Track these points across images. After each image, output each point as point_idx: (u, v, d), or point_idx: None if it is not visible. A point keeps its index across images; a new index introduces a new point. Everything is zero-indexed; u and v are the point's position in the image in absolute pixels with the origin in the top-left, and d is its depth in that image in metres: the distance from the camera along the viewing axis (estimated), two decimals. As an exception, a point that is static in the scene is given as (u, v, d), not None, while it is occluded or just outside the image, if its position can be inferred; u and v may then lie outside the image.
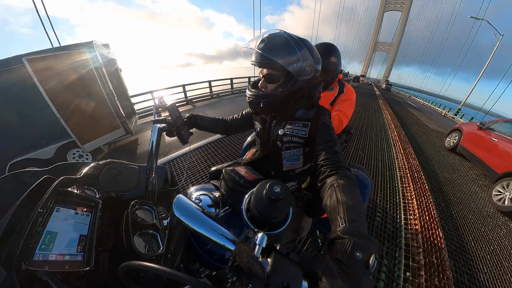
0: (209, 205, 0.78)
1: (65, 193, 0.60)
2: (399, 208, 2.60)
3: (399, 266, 1.79)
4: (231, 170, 0.86)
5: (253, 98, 0.80)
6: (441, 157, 4.88)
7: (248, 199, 0.42)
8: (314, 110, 0.81)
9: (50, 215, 0.52)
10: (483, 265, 2.12)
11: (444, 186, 3.55)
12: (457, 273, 1.95)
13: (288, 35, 0.72)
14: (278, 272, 0.32)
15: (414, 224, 2.28)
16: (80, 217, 0.59)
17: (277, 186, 0.37)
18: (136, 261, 0.39)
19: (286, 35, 0.72)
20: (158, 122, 0.91)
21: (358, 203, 0.50)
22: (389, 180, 3.29)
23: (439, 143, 6.10)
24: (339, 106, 1.52)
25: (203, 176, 2.74)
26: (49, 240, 0.49)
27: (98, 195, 0.70)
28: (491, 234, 2.62)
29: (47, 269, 0.45)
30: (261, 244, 0.35)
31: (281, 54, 0.69)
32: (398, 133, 5.79)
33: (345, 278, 0.33)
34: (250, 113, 1.06)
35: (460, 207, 3.07)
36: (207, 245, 0.70)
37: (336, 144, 0.72)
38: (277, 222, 0.39)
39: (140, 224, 0.68)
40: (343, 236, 0.39)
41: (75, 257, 0.51)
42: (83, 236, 0.55)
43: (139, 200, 0.77)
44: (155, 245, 0.67)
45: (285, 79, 0.75)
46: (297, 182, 0.96)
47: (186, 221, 0.41)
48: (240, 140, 3.87)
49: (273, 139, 0.85)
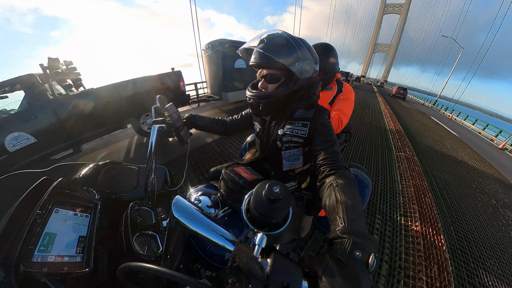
0: (209, 205, 0.78)
1: (64, 194, 0.60)
2: (398, 205, 2.62)
3: (399, 263, 1.80)
4: (231, 171, 0.86)
5: (254, 98, 0.79)
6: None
7: (248, 200, 0.42)
8: (314, 110, 0.81)
9: (49, 216, 0.52)
10: (483, 261, 2.14)
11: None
12: (457, 269, 1.97)
13: (288, 35, 0.72)
14: (278, 272, 0.32)
15: (414, 221, 2.29)
16: (79, 218, 0.59)
17: (276, 186, 0.37)
18: (135, 262, 0.39)
19: (286, 35, 0.72)
20: (157, 123, 0.91)
21: (357, 202, 0.50)
22: (389, 177, 3.31)
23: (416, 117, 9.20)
24: (338, 106, 1.52)
25: (203, 177, 2.74)
26: (48, 242, 0.49)
27: (97, 196, 0.70)
28: (491, 228, 2.66)
29: (46, 271, 0.45)
30: (261, 244, 0.35)
31: (283, 53, 0.69)
32: (390, 114, 7.66)
33: (344, 277, 0.33)
34: (249, 114, 1.06)
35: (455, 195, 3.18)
36: (207, 245, 0.69)
37: (335, 143, 0.72)
38: (276, 222, 0.39)
39: (140, 225, 0.68)
40: (343, 236, 0.39)
41: (74, 259, 0.51)
42: (82, 237, 0.55)
43: (138, 201, 0.77)
44: (155, 246, 0.67)
45: (286, 79, 0.75)
46: (297, 182, 0.96)
47: (186, 222, 0.41)
48: (240, 140, 3.87)
49: (273, 139, 0.85)
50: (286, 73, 0.74)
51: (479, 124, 12.94)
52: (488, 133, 11.39)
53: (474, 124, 13.18)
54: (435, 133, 8.35)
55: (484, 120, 13.08)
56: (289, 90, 0.75)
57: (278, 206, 0.37)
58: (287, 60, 0.69)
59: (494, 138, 10.56)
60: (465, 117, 14.96)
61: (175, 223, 0.44)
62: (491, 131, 11.50)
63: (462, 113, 15.84)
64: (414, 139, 6.35)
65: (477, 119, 13.57)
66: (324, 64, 1.47)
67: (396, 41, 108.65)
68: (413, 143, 5.63)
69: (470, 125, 13.40)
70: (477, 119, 13.48)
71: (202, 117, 1.09)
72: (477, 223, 2.78)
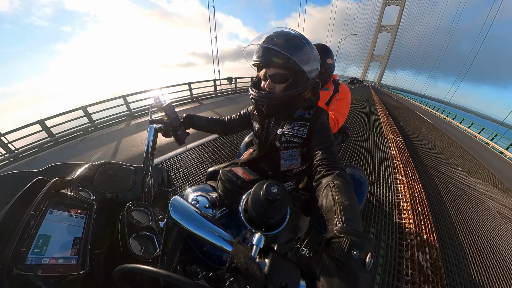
0: (206, 206, 0.77)
1: (58, 195, 0.59)
2: (393, 204, 2.66)
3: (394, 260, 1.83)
4: (228, 171, 0.85)
5: (262, 100, 0.75)
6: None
7: (246, 200, 0.42)
8: (313, 111, 0.81)
9: (43, 217, 0.51)
10: (472, 255, 2.24)
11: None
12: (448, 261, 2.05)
13: (297, 32, 0.70)
14: (276, 272, 0.32)
15: (408, 218, 2.34)
16: (74, 219, 0.58)
17: (274, 186, 0.37)
18: (132, 264, 0.38)
19: (295, 32, 0.70)
20: (154, 123, 0.90)
21: (354, 202, 0.50)
22: (384, 173, 3.38)
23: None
24: (334, 106, 1.54)
25: (200, 177, 2.72)
26: (42, 244, 0.48)
27: (92, 196, 0.69)
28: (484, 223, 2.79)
29: (40, 274, 0.44)
30: (259, 244, 0.35)
31: (295, 51, 0.66)
32: (383, 108, 9.38)
33: (342, 277, 0.33)
34: (248, 113, 1.05)
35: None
36: (204, 246, 0.69)
37: (332, 145, 0.72)
38: (274, 222, 0.39)
39: (136, 226, 0.68)
40: (340, 235, 0.39)
41: (69, 261, 0.50)
42: (77, 239, 0.54)
43: (135, 202, 0.76)
44: (152, 247, 0.66)
45: (294, 79, 0.73)
46: (294, 182, 0.97)
47: (183, 222, 0.41)
48: (238, 140, 3.87)
49: (272, 139, 0.85)
50: (294, 72, 0.71)
51: (464, 122, 15.87)
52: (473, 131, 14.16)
53: (462, 122, 16.01)
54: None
55: (469, 119, 15.91)
56: (300, 90, 0.72)
57: (276, 206, 0.37)
58: (301, 58, 0.67)
59: (477, 135, 13.30)
60: (454, 117, 17.68)
61: (172, 224, 0.43)
62: (476, 128, 14.15)
63: (457, 116, 17.74)
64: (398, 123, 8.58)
65: (469, 120, 15.65)
66: (322, 65, 1.49)
67: (387, 53, 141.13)
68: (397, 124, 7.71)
69: (460, 125, 15.85)
70: (470, 122, 15.54)
71: (200, 117, 1.08)
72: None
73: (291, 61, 0.67)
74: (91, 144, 4.63)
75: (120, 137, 4.65)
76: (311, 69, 0.71)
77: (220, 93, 11.38)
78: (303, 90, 0.74)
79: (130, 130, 4.35)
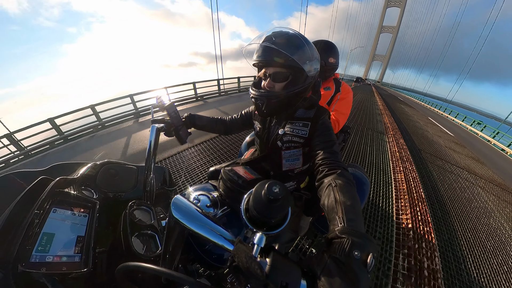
0: (208, 205, 0.78)
1: (62, 193, 0.59)
2: (391, 204, 2.65)
3: (390, 259, 1.82)
4: (230, 170, 0.85)
5: (261, 98, 0.76)
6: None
7: (247, 199, 0.42)
8: (314, 110, 0.80)
9: (47, 216, 0.52)
10: (470, 255, 2.23)
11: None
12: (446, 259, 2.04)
13: (296, 32, 0.71)
14: (277, 271, 0.32)
15: (406, 219, 2.33)
16: (78, 218, 0.58)
17: (276, 186, 0.37)
18: (134, 262, 0.39)
19: (297, 33, 0.71)
20: (156, 122, 0.90)
21: (356, 202, 0.50)
22: (383, 172, 3.36)
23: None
24: (335, 106, 1.53)
25: (202, 176, 2.73)
26: (46, 242, 0.48)
27: (95, 195, 0.70)
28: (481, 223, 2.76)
29: (44, 271, 0.44)
30: (260, 244, 0.35)
31: (296, 50, 0.67)
32: (383, 105, 9.70)
33: (343, 277, 0.33)
34: (249, 113, 1.05)
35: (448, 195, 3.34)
36: (206, 245, 0.69)
37: (334, 144, 0.72)
38: (275, 222, 0.39)
39: (138, 224, 0.68)
40: (342, 236, 0.39)
41: (73, 259, 0.51)
42: (80, 237, 0.55)
43: (137, 201, 0.77)
44: (154, 245, 0.67)
45: (293, 77, 0.73)
46: (296, 182, 0.96)
47: (184, 221, 0.41)
48: (239, 139, 3.87)
49: (273, 138, 0.85)
50: (294, 71, 0.72)
51: (467, 121, 15.72)
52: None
53: (461, 119, 16.36)
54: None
55: (473, 117, 15.83)
56: (299, 88, 0.73)
57: (278, 206, 0.37)
58: (300, 57, 0.68)
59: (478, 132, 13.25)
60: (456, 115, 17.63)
61: (174, 223, 0.44)
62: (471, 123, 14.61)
63: (460, 114, 17.64)
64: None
65: (472, 118, 15.72)
66: (324, 62, 1.48)
67: (389, 53, 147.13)
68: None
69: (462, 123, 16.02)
70: (472, 119, 15.51)
71: (201, 117, 1.08)
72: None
73: (290, 60, 0.67)
74: (100, 141, 4.71)
75: (128, 134, 4.72)
76: (311, 68, 0.72)
77: (224, 92, 11.59)
78: (302, 88, 0.74)
79: (137, 128, 4.39)
